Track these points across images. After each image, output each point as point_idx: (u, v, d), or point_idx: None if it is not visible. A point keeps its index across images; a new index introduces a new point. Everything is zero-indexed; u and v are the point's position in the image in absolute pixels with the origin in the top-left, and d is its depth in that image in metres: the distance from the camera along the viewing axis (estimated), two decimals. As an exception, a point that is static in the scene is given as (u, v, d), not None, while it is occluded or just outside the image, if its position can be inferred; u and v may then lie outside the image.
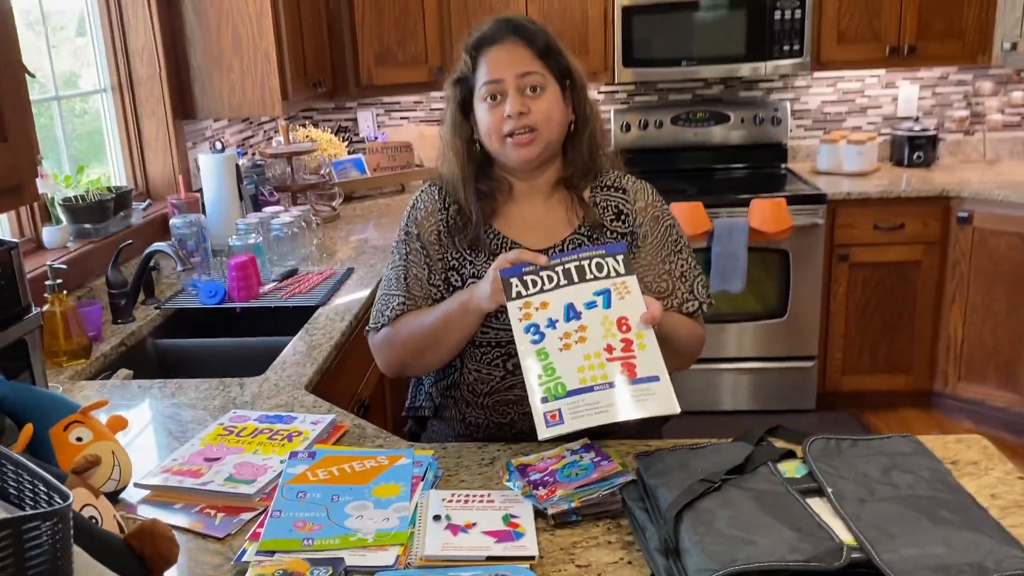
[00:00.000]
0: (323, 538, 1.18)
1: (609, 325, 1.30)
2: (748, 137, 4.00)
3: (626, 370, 1.26)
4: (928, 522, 1.06)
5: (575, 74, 1.53)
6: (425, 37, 3.67)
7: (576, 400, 1.23)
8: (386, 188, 3.89)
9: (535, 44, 1.49)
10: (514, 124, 1.47)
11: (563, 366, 1.26)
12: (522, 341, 1.30)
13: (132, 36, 2.83)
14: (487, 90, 1.49)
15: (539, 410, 1.24)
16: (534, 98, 1.48)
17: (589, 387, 1.24)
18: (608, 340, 1.29)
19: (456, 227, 1.55)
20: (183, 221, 2.58)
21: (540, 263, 1.35)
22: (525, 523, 1.20)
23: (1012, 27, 3.56)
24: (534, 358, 1.28)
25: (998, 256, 3.44)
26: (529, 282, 1.34)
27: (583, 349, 1.27)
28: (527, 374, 1.28)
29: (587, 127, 1.55)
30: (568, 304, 1.32)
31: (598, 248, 1.38)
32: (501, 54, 1.49)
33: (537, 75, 1.48)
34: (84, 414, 1.34)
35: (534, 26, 1.52)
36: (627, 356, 1.27)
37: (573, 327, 1.30)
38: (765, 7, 3.59)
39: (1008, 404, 3.53)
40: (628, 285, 1.34)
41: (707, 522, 1.05)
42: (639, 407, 1.23)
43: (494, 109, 1.49)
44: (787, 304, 3.61)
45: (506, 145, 1.49)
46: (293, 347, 2.03)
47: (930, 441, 1.37)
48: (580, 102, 1.54)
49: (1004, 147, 4.06)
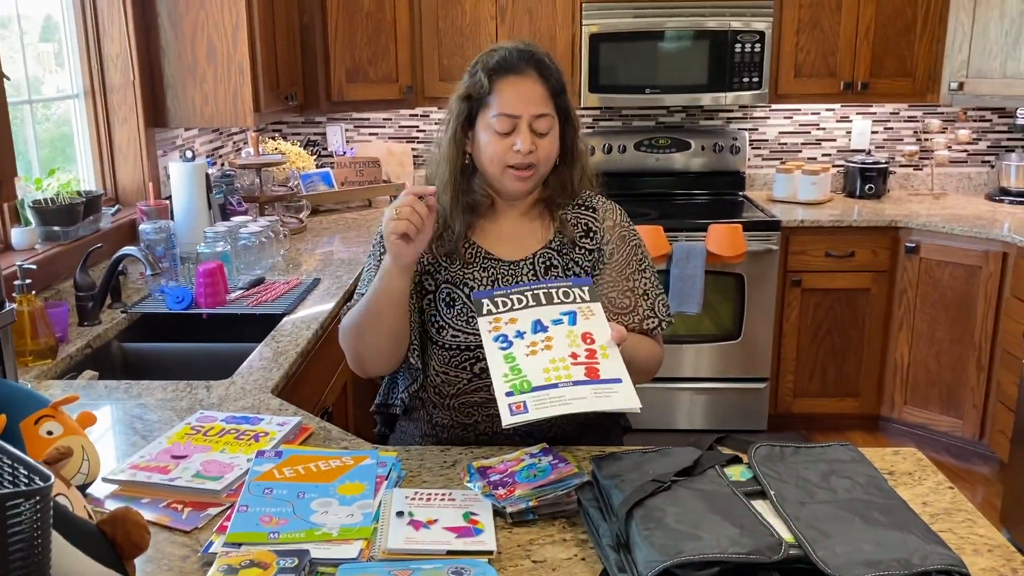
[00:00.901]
0: (289, 532, 1.22)
1: (574, 337, 1.37)
2: (708, 164, 4.13)
3: (589, 372, 1.32)
4: (861, 523, 1.13)
5: (571, 113, 1.61)
6: (397, 56, 3.74)
7: (540, 394, 1.29)
8: (353, 202, 3.94)
9: (550, 83, 1.55)
10: (520, 160, 1.53)
11: (529, 367, 1.32)
12: (490, 348, 1.36)
13: (107, 43, 2.85)
14: (500, 122, 1.52)
15: (504, 401, 1.28)
16: (542, 137, 1.54)
17: (554, 384, 1.30)
18: (573, 348, 1.35)
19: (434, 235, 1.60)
20: (152, 227, 2.60)
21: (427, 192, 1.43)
22: (484, 520, 1.25)
23: (958, 68, 3.74)
24: (501, 360, 1.34)
25: (943, 286, 3.58)
26: (500, 303, 1.42)
27: (549, 355, 1.34)
28: (493, 372, 1.33)
29: (577, 163, 1.63)
30: (536, 320, 1.39)
31: (564, 280, 1.48)
32: (521, 89, 1.53)
33: (549, 117, 1.55)
34: (55, 408, 1.37)
35: (552, 64, 1.57)
36: (591, 362, 1.34)
37: (540, 337, 1.37)
38: (727, 40, 3.73)
39: (950, 429, 3.67)
40: (593, 310, 1.42)
41: (656, 519, 1.12)
42: (602, 401, 1.29)
43: (502, 140, 1.53)
44: (742, 327, 3.71)
45: (505, 174, 1.55)
46: (260, 353, 2.06)
47: (869, 452, 1.45)
48: (572, 140, 1.61)
49: (950, 182, 4.23)
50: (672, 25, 3.73)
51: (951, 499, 1.36)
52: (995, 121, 4.18)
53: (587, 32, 3.72)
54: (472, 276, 1.58)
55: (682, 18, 3.72)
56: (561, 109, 1.58)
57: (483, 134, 1.55)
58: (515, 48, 1.56)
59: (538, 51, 1.57)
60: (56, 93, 2.80)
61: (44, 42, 2.77)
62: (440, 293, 1.57)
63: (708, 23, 3.72)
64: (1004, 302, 3.42)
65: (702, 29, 3.73)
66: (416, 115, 4.22)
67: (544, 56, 1.57)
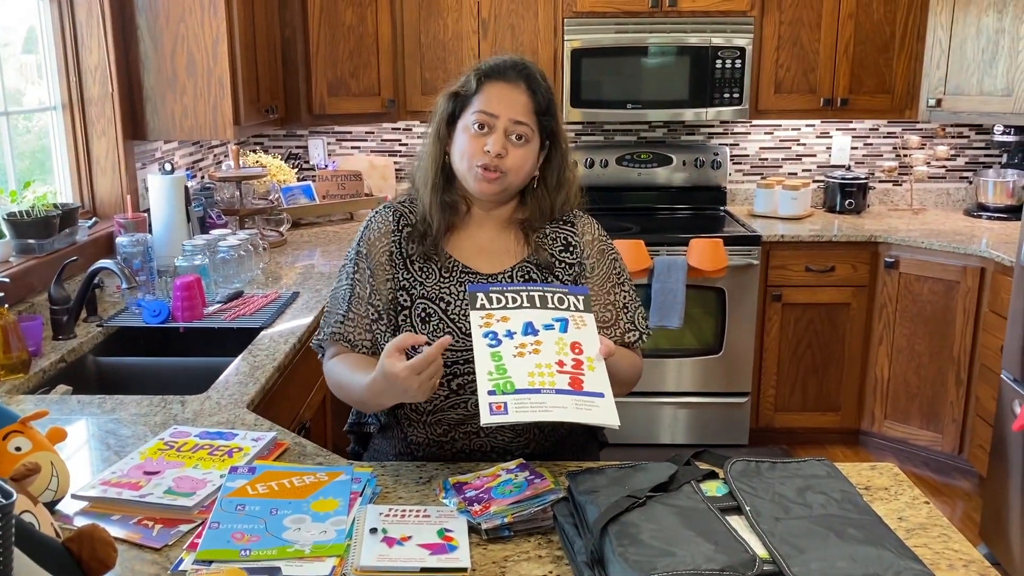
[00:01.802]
0: (260, 549, 1.20)
1: (563, 345, 1.36)
2: (689, 179, 4.15)
3: (573, 382, 1.31)
4: (836, 539, 1.13)
5: (560, 139, 1.61)
6: (379, 70, 3.75)
7: (522, 397, 1.27)
8: (334, 216, 3.92)
9: (537, 98, 1.56)
10: (487, 160, 1.53)
11: (514, 369, 1.31)
12: (479, 343, 1.34)
13: (85, 54, 2.84)
14: (478, 118, 1.54)
15: (485, 399, 1.27)
16: (515, 146, 1.54)
17: (536, 389, 1.28)
18: (560, 356, 1.34)
19: (413, 237, 1.60)
20: (129, 240, 2.57)
21: (427, 349, 1.33)
22: (459, 537, 1.24)
23: (936, 85, 3.78)
24: (488, 358, 1.32)
25: (922, 300, 3.61)
26: (494, 298, 1.41)
27: (536, 359, 1.32)
28: (479, 368, 1.31)
29: (562, 190, 1.63)
30: (527, 322, 1.38)
31: (563, 286, 1.46)
32: (505, 92, 1.55)
33: (527, 127, 1.55)
34: (24, 424, 1.35)
35: (544, 82, 1.58)
36: (576, 372, 1.32)
37: (529, 340, 1.35)
38: (707, 57, 3.76)
39: (929, 443, 3.68)
40: (586, 320, 1.41)
41: (631, 535, 1.11)
42: (582, 413, 1.28)
43: (476, 138, 1.54)
44: (723, 341, 3.72)
45: (471, 172, 1.55)
46: (236, 367, 2.04)
47: (846, 468, 1.46)
48: (560, 167, 1.62)
49: (929, 197, 4.27)
50: (654, 41, 3.75)
51: (927, 514, 1.36)
52: (972, 137, 4.23)
53: (569, 47, 3.74)
54: (448, 291, 1.57)
55: (664, 34, 3.75)
56: (546, 129, 1.58)
57: (461, 132, 1.57)
58: (511, 59, 1.59)
59: (533, 67, 1.59)
60: (37, 105, 2.78)
61: (26, 53, 2.75)
62: (416, 308, 1.56)
63: (690, 39, 3.75)
64: (982, 317, 3.44)
65: (684, 45, 3.76)
66: (398, 128, 4.22)
67: (537, 72, 1.58)
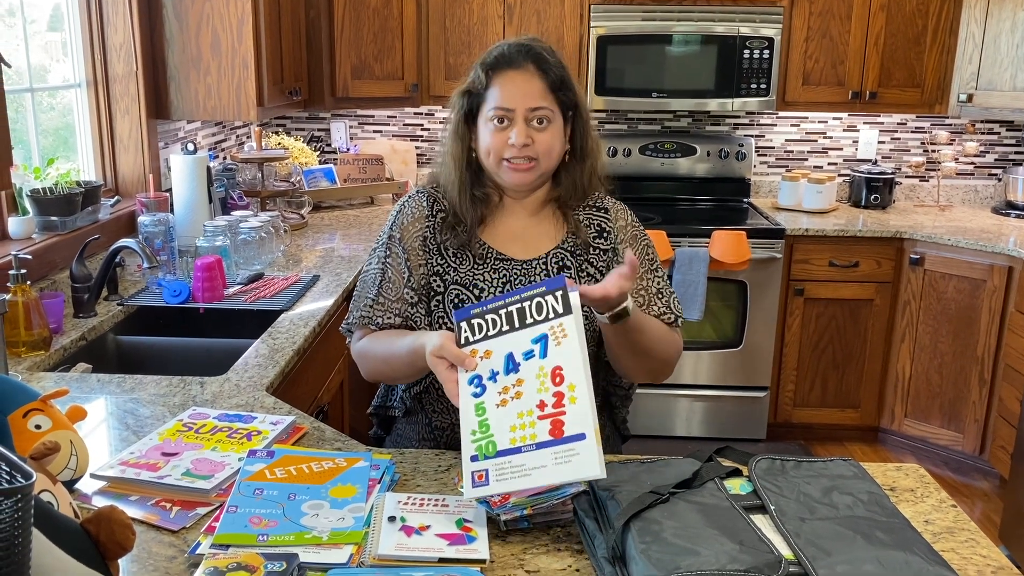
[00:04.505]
0: (278, 534, 1.19)
1: (544, 378, 1.30)
2: (713, 170, 4.10)
3: (554, 428, 1.25)
4: (863, 541, 1.11)
5: (581, 108, 1.58)
6: (403, 54, 3.72)
7: (503, 461, 1.24)
8: (355, 199, 3.91)
9: (549, 76, 1.53)
10: (516, 153, 1.51)
11: (497, 424, 1.27)
12: (464, 393, 1.31)
13: (111, 32, 2.83)
14: (496, 114, 1.51)
15: (468, 468, 1.25)
16: (539, 130, 1.51)
17: (517, 448, 1.24)
18: (541, 396, 1.28)
19: (447, 227, 1.58)
20: (151, 219, 2.57)
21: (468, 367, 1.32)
22: (478, 528, 1.23)
23: (968, 80, 3.71)
24: (472, 413, 1.30)
25: (946, 298, 3.56)
26: (476, 326, 1.35)
27: (517, 406, 1.28)
28: (463, 428, 1.29)
29: (588, 160, 1.60)
30: (508, 354, 1.32)
31: (538, 286, 1.36)
32: (516, 81, 1.52)
33: (546, 110, 1.52)
34: (44, 402, 1.35)
35: (552, 57, 1.55)
36: (557, 412, 1.26)
37: (511, 380, 1.30)
38: (735, 46, 3.70)
39: (950, 443, 3.64)
40: (565, 327, 1.31)
41: (653, 532, 1.09)
42: (562, 470, 1.21)
43: (499, 133, 1.52)
44: (743, 335, 3.69)
45: (502, 167, 1.53)
46: (255, 349, 2.04)
47: (871, 468, 1.43)
48: (583, 136, 1.59)
49: (956, 194, 4.21)
50: (680, 29, 3.70)
51: (954, 518, 1.33)
52: (1003, 134, 4.16)
53: (595, 34, 3.70)
54: (482, 277, 1.55)
55: (691, 22, 3.70)
56: (565, 103, 1.55)
57: (483, 128, 1.55)
58: (515, 43, 1.55)
59: (538, 45, 1.55)
60: (61, 82, 2.78)
61: (52, 31, 2.75)
62: (449, 294, 1.55)
63: (717, 28, 3.70)
64: (1008, 316, 3.39)
65: (711, 34, 3.71)
66: (421, 113, 4.20)
67: (543, 50, 1.54)
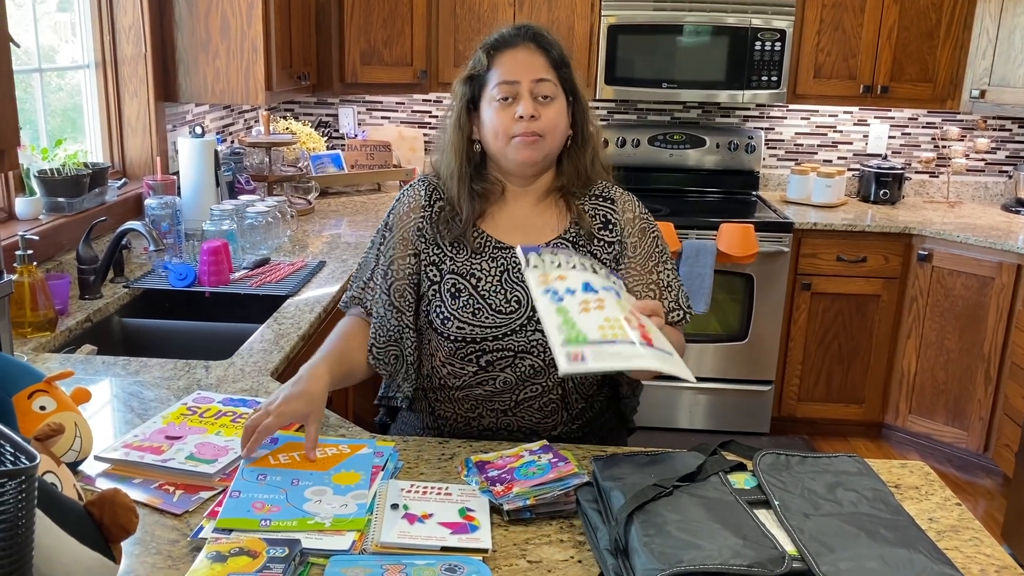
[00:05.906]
0: (280, 520, 1.19)
1: (624, 306, 1.31)
2: (722, 163, 4.08)
3: (644, 338, 1.24)
4: (867, 538, 1.10)
5: (580, 93, 1.57)
6: (412, 40, 3.70)
7: (599, 347, 1.20)
8: (362, 185, 3.91)
9: (551, 54, 1.53)
10: (524, 127, 1.49)
11: (583, 323, 1.24)
12: (541, 301, 1.28)
13: (120, 14, 2.82)
14: (500, 90, 1.51)
15: (561, 349, 1.20)
16: (544, 105, 1.51)
17: (611, 340, 1.22)
18: (625, 314, 1.28)
19: (443, 220, 1.57)
20: (158, 202, 2.57)
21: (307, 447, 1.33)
22: (480, 517, 1.23)
23: (981, 76, 3.68)
24: (554, 312, 1.25)
25: (954, 295, 3.54)
26: (548, 260, 1.35)
27: (602, 314, 1.26)
28: (546, 322, 1.24)
29: (589, 144, 1.59)
30: (586, 282, 1.32)
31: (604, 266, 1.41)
32: (519, 57, 1.52)
33: (550, 83, 1.52)
34: (49, 383, 1.35)
35: (551, 37, 1.56)
36: (643, 330, 1.26)
37: (592, 297, 1.29)
38: (746, 37, 3.68)
39: (954, 440, 3.63)
40: (630, 300, 1.36)
41: (657, 524, 1.09)
42: (661, 363, 1.21)
43: (504, 110, 1.51)
44: (749, 328, 3.68)
45: (510, 145, 1.51)
46: (261, 334, 2.03)
47: (875, 464, 1.43)
48: (583, 120, 1.58)
49: (966, 191, 4.18)
50: (692, 19, 3.68)
51: (958, 516, 1.33)
52: (1015, 131, 4.13)
53: (605, 23, 3.68)
54: (479, 267, 1.54)
55: (702, 13, 3.67)
56: (566, 83, 1.55)
57: (487, 110, 1.54)
58: (513, 26, 1.57)
59: (535, 26, 1.57)
60: (70, 63, 2.77)
61: (61, 11, 2.74)
62: (445, 283, 1.54)
63: (728, 19, 3.67)
64: (1016, 314, 3.37)
65: (722, 25, 3.68)
66: (429, 100, 4.18)
67: (541, 29, 1.56)
